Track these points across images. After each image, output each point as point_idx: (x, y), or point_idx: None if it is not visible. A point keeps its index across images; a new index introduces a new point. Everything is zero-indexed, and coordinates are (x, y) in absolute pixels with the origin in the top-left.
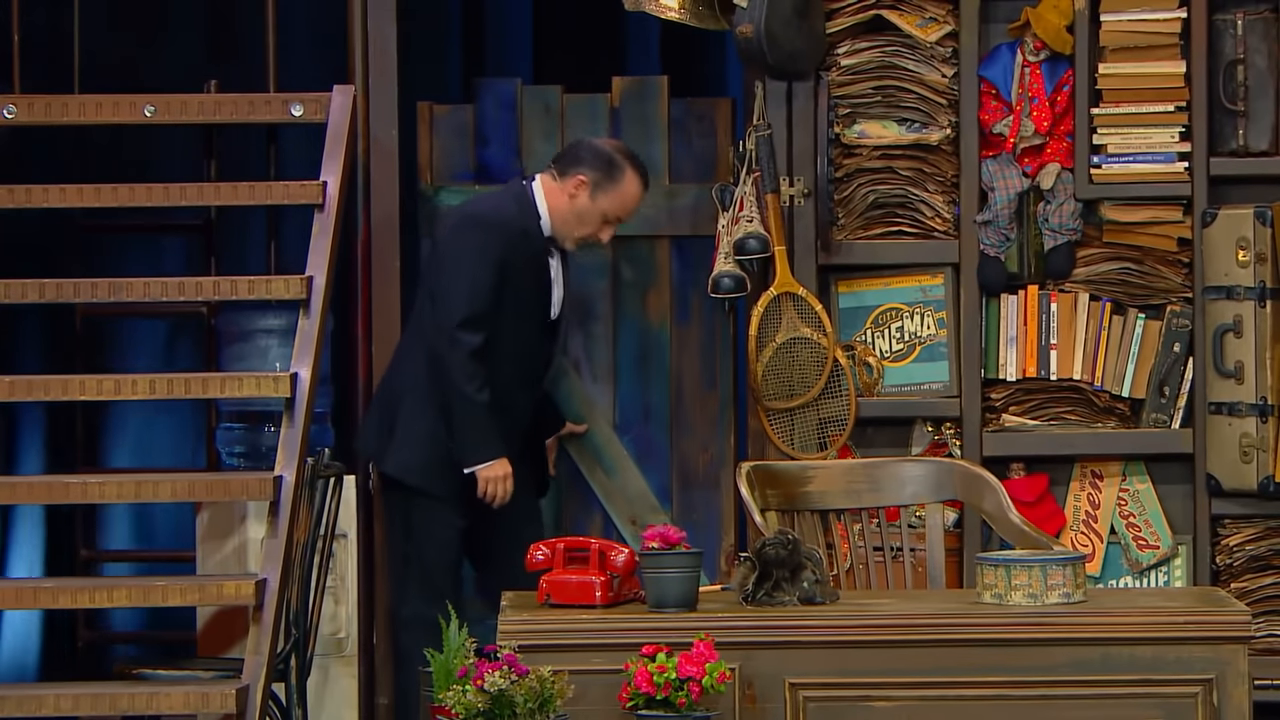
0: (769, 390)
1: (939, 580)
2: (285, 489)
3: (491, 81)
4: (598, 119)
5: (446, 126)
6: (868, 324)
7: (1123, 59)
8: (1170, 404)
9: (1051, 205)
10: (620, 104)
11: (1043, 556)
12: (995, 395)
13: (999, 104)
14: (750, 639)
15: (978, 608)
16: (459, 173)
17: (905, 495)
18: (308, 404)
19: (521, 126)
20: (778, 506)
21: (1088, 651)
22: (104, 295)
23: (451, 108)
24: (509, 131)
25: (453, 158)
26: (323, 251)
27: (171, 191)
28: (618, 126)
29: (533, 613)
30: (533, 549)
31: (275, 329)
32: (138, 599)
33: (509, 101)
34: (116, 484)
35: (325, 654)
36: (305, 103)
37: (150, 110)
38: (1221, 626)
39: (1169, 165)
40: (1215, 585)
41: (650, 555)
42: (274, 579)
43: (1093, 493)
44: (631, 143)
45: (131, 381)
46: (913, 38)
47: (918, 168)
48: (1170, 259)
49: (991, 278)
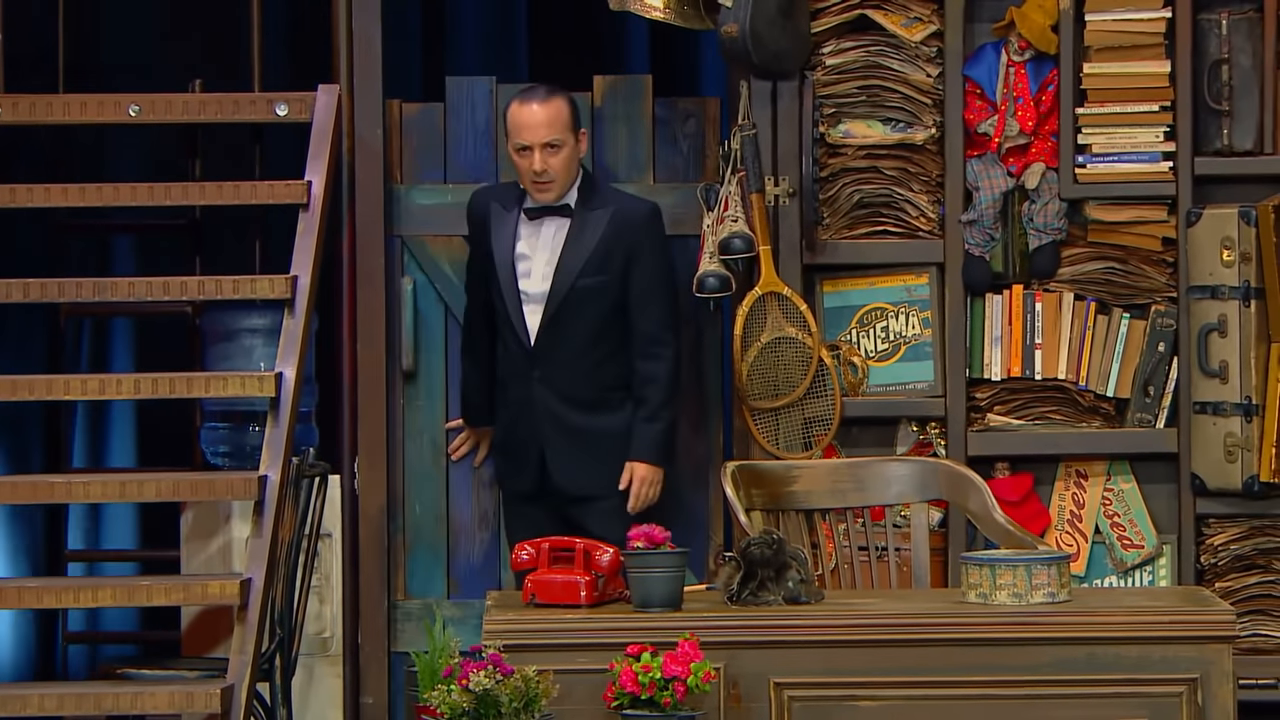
0: (754, 390)
1: (924, 580)
2: (270, 488)
3: (464, 80)
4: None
5: (417, 126)
6: (853, 324)
7: (1108, 59)
8: (1155, 404)
9: (1036, 205)
10: (602, 103)
11: (1028, 556)
12: (980, 395)
13: (984, 104)
14: (735, 639)
15: (963, 607)
16: (430, 172)
17: (890, 495)
18: (292, 403)
19: (496, 125)
20: (763, 506)
21: (1073, 651)
22: (88, 295)
23: (421, 106)
24: (484, 130)
25: (424, 157)
26: (307, 251)
27: (156, 191)
28: (600, 126)
29: (518, 612)
30: (517, 548)
31: (260, 329)
32: (122, 599)
33: (483, 100)
34: (101, 483)
35: (310, 653)
36: (290, 102)
37: (135, 110)
38: (1206, 626)
39: (1154, 165)
40: (1200, 585)
41: (635, 555)
42: (259, 578)
43: (1077, 492)
44: (615, 142)
45: (116, 381)
46: (898, 37)
47: (903, 167)
48: (1155, 258)
49: (976, 277)
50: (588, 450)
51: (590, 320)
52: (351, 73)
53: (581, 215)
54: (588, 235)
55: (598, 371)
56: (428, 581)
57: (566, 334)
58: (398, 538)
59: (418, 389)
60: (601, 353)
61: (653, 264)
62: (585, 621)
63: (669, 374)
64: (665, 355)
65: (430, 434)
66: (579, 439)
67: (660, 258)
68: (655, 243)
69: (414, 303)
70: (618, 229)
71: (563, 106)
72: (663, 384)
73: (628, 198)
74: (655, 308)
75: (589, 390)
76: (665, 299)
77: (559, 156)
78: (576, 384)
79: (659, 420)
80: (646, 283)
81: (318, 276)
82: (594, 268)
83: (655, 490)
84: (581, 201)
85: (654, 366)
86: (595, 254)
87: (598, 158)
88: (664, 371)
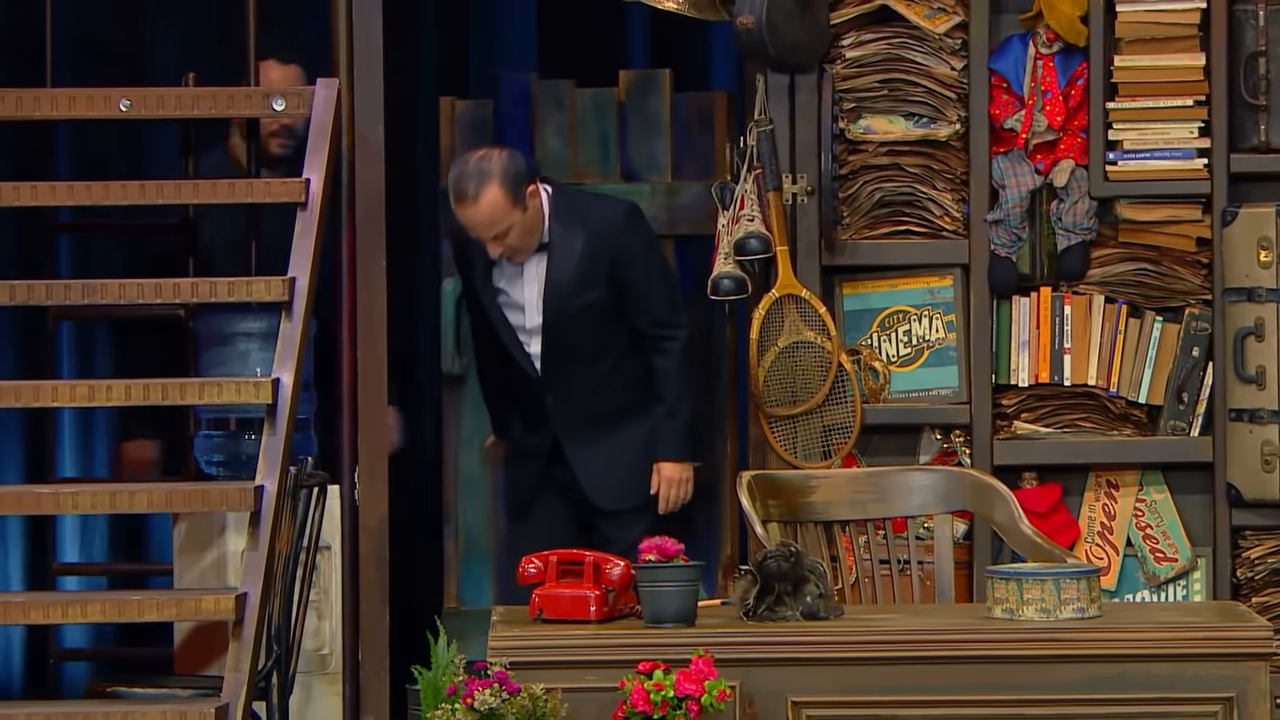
0: (771, 396)
1: (948, 594)
2: (266, 499)
3: (506, 75)
4: (605, 114)
5: (468, 123)
6: (873, 327)
7: (1139, 51)
8: (1189, 411)
9: (1065, 204)
10: (626, 98)
11: (1056, 570)
12: (1006, 401)
13: (1010, 98)
14: (751, 655)
15: (988, 623)
16: None
17: (913, 506)
18: (290, 411)
19: (534, 121)
20: (780, 517)
21: (1103, 668)
22: (77, 297)
23: (472, 103)
24: (524, 127)
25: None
26: (306, 252)
27: (148, 189)
28: (625, 121)
29: (524, 628)
30: (525, 561)
31: (256, 332)
32: (113, 614)
33: (522, 95)
34: (90, 494)
35: (308, 671)
36: (287, 97)
37: (126, 105)
38: (1242, 642)
39: (1187, 162)
40: (1236, 599)
41: (647, 568)
42: (255, 593)
43: (1108, 503)
44: (635, 138)
45: (106, 387)
46: (920, 29)
47: (926, 164)
48: (1189, 259)
49: (1002, 279)
50: (614, 464)
51: (591, 335)
52: (351, 66)
53: (557, 237)
54: (568, 257)
55: (608, 382)
56: (478, 591)
57: (570, 356)
58: (449, 544)
59: (464, 393)
60: (608, 363)
61: (641, 262)
62: (595, 637)
63: (679, 365)
64: (672, 348)
65: (480, 439)
66: (602, 455)
67: (646, 254)
68: (638, 241)
69: (456, 303)
70: (597, 241)
71: (496, 195)
72: (674, 376)
73: (601, 203)
74: (654, 304)
75: (605, 403)
76: (662, 293)
77: (514, 233)
78: (590, 401)
79: (678, 415)
80: (640, 283)
81: (316, 278)
82: (581, 286)
83: (686, 489)
84: (556, 221)
85: (664, 361)
86: (579, 273)
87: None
88: (673, 365)
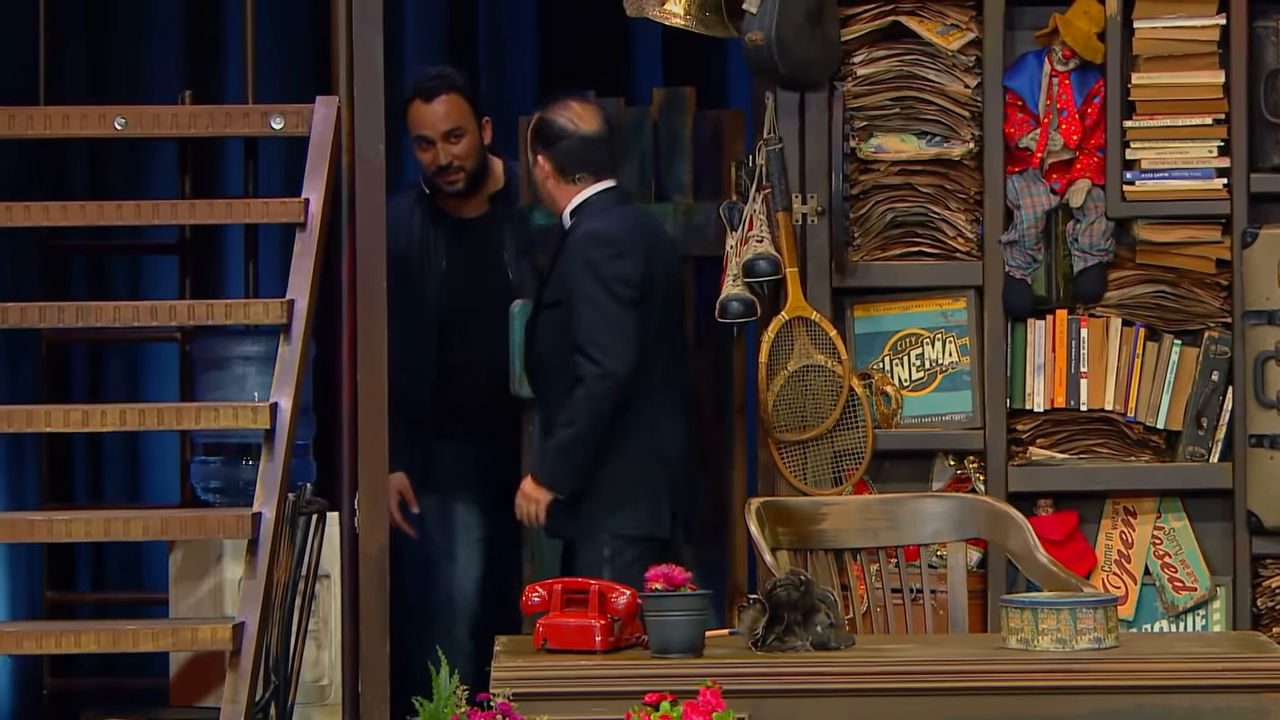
0: (780, 421)
1: (961, 624)
2: (264, 526)
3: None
4: (643, 132)
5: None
6: (885, 351)
7: (1157, 68)
8: (1208, 436)
9: (1081, 224)
10: (658, 116)
11: (1072, 599)
12: (1021, 427)
13: (1025, 116)
14: (760, 686)
15: (1002, 654)
16: None
17: (926, 533)
18: (288, 436)
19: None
20: (789, 545)
21: (1120, 700)
22: (71, 320)
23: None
24: None
25: None
26: (305, 273)
27: (144, 209)
28: (659, 140)
29: (528, 658)
30: (529, 590)
31: (254, 356)
32: (107, 644)
33: None
34: (85, 521)
35: (307, 702)
36: (286, 115)
37: (121, 123)
38: (1263, 674)
39: (1207, 182)
40: (1256, 629)
41: (653, 597)
42: (252, 622)
43: (1125, 531)
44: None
45: (101, 412)
46: (933, 46)
47: (939, 184)
48: (1208, 281)
49: (1017, 301)
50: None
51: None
52: (351, 83)
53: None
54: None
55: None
56: None
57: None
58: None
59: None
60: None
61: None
62: (600, 668)
63: (584, 398)
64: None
65: None
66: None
67: (585, 278)
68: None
69: (525, 326)
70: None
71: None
72: (577, 404)
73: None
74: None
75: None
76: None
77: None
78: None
79: (552, 436)
80: (576, 304)
81: (315, 300)
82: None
83: (537, 511)
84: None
85: (577, 389)
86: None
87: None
88: (580, 394)
